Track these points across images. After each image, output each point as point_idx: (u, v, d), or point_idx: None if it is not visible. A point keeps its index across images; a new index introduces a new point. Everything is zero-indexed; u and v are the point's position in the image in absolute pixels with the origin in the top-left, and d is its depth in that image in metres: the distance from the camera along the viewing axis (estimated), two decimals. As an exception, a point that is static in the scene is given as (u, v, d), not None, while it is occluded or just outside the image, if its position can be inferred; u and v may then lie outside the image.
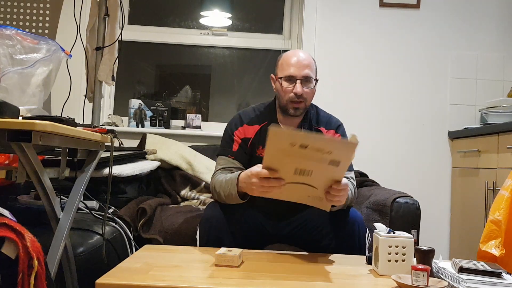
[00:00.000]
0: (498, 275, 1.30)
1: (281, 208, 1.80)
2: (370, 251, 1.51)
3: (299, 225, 1.84)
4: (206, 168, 2.64)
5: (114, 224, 1.89)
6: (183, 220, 2.08)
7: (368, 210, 2.23)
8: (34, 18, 2.70)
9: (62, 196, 1.70)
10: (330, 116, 1.95)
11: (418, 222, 2.15)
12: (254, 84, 3.43)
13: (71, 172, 1.54)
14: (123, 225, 1.93)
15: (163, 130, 3.04)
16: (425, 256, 1.36)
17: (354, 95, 3.10)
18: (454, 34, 3.13)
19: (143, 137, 2.68)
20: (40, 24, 2.71)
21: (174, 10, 3.40)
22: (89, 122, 2.40)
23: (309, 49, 3.07)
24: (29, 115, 1.37)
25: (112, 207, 2.10)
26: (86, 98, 2.46)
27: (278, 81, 1.82)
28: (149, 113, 3.08)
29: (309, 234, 1.80)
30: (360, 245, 1.73)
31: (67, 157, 1.51)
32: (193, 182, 2.58)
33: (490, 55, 3.12)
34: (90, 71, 2.43)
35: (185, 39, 3.33)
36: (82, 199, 1.87)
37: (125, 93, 3.33)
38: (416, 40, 3.13)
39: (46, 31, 2.71)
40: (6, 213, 1.14)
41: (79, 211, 1.84)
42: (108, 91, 3.20)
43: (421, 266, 1.23)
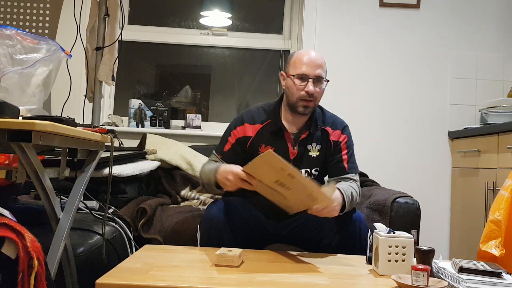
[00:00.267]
0: (498, 275, 1.30)
1: (282, 208, 1.79)
2: (371, 251, 1.51)
3: (300, 225, 1.84)
4: (206, 168, 2.64)
5: (114, 224, 1.89)
6: (183, 220, 2.08)
7: (368, 210, 2.23)
8: (34, 18, 2.69)
9: (62, 196, 1.70)
10: (335, 117, 1.95)
11: (418, 222, 2.15)
12: (254, 84, 3.43)
13: (71, 172, 1.54)
14: (123, 225, 1.93)
15: (163, 130, 3.04)
16: (425, 256, 1.36)
17: (354, 95, 3.10)
18: (454, 34, 3.13)
19: (143, 137, 2.67)
20: (40, 24, 2.70)
21: (174, 10, 3.40)
22: (89, 122, 2.40)
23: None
24: (29, 115, 1.36)
25: (112, 207, 2.10)
26: (86, 98, 2.46)
27: (290, 78, 1.81)
28: (149, 113, 3.08)
29: (310, 234, 1.80)
30: (362, 245, 1.73)
31: (67, 157, 1.51)
32: (193, 182, 2.58)
33: (490, 55, 3.11)
34: (90, 71, 2.43)
35: (185, 39, 3.33)
36: (82, 199, 1.87)
37: (125, 93, 3.33)
38: (416, 40, 3.13)
39: (46, 31, 2.70)
40: (6, 213, 1.14)
41: (79, 211, 1.84)
42: (108, 91, 3.20)
43: (421, 266, 1.23)
